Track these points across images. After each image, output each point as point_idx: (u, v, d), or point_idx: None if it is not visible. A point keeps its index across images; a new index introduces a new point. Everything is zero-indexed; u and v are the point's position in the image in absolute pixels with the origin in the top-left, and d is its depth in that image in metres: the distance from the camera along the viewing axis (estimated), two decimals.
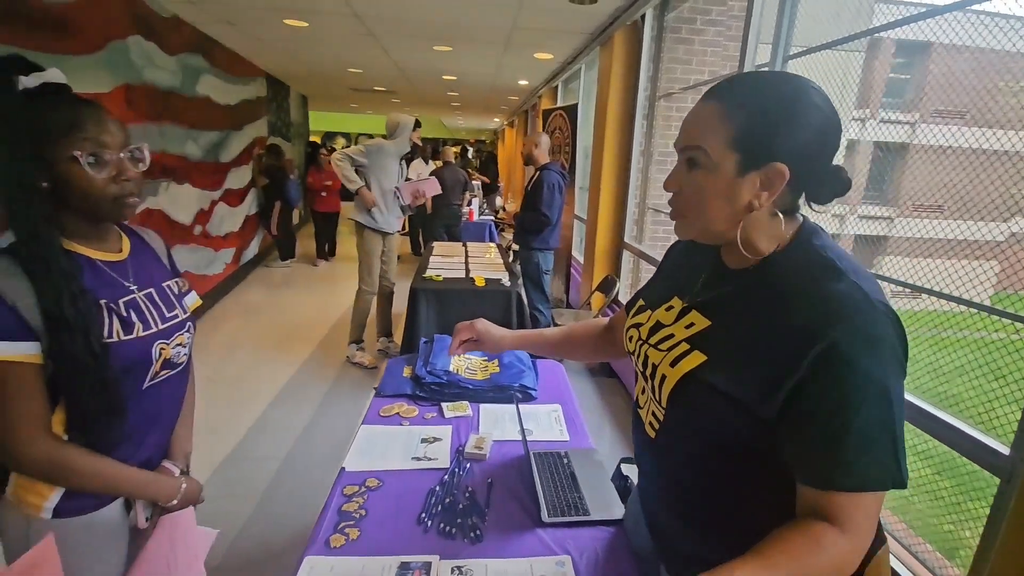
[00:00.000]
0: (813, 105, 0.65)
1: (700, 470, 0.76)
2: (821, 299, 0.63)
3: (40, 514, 0.89)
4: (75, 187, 0.84)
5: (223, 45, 4.99)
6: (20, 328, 0.80)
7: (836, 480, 0.61)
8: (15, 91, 0.81)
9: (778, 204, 0.69)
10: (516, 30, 3.88)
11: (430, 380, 1.70)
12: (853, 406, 0.60)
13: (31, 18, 2.46)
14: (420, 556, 1.01)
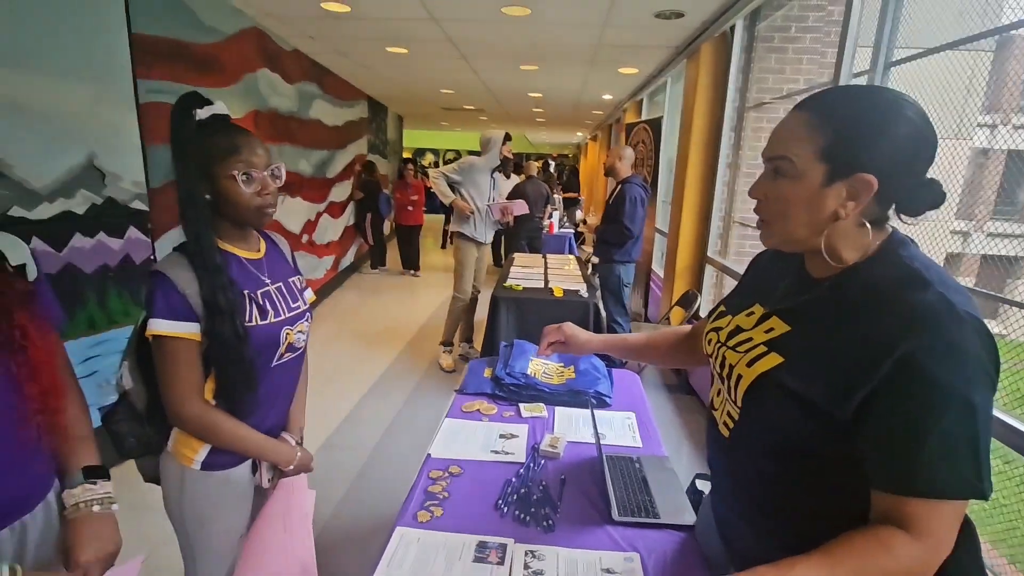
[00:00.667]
0: (904, 118, 0.65)
1: (770, 472, 0.78)
2: (903, 308, 0.63)
3: (191, 465, 1.08)
4: (230, 199, 1.03)
5: (334, 73, 5.52)
6: (187, 311, 1.00)
7: (913, 485, 0.62)
8: (192, 122, 1.02)
9: (865, 214, 0.70)
10: (602, 47, 3.96)
11: (509, 381, 1.80)
12: (933, 415, 0.60)
13: (189, 58, 2.93)
14: (497, 537, 1.10)
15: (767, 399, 0.74)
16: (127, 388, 1.09)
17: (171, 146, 1.01)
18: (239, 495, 1.15)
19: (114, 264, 2.40)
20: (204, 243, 1.01)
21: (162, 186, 2.66)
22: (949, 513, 0.62)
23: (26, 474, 0.78)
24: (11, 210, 1.94)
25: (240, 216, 1.06)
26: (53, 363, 0.80)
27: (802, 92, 3.04)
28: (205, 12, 3.05)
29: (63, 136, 2.13)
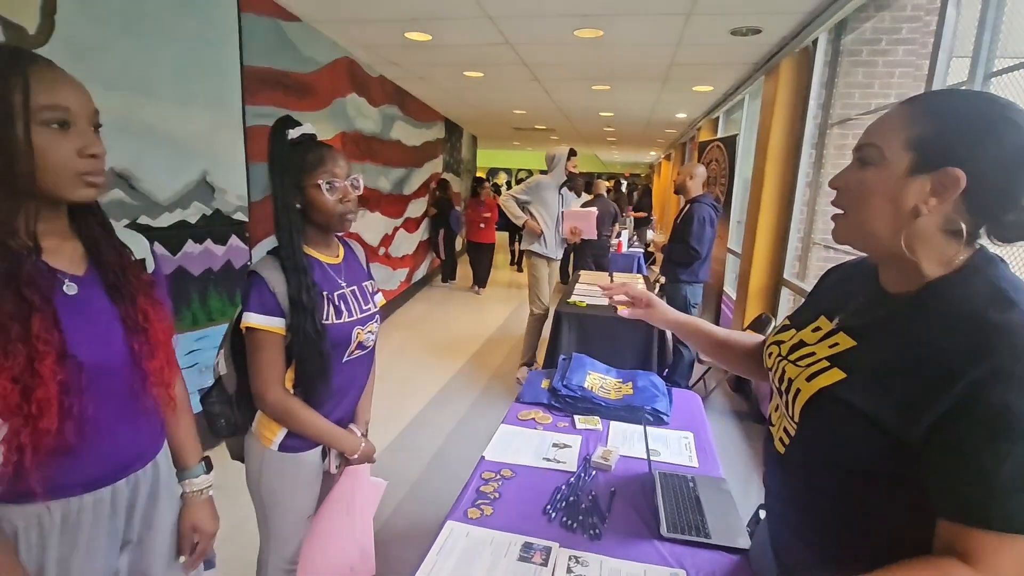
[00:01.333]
0: (1013, 124, 0.61)
1: (825, 490, 0.75)
2: (980, 327, 0.60)
3: (270, 446, 1.21)
4: (316, 206, 1.16)
5: (414, 96, 5.87)
6: (276, 308, 1.13)
7: (981, 516, 0.58)
8: (286, 140, 1.16)
9: (950, 222, 0.65)
10: (675, 66, 3.94)
11: (565, 393, 1.82)
12: (1006, 444, 0.57)
13: (289, 86, 3.26)
14: (543, 540, 1.13)
15: (826, 415, 0.72)
16: (221, 374, 1.24)
17: (268, 162, 1.16)
18: (309, 477, 1.26)
19: (217, 268, 2.69)
20: (294, 247, 1.14)
21: (260, 200, 2.96)
22: (1020, 552, 0.58)
23: (142, 436, 0.92)
24: (139, 218, 2.25)
25: (325, 221, 1.18)
26: (168, 344, 0.93)
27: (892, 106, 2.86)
28: (305, 45, 3.38)
29: (183, 155, 2.44)
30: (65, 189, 0.74)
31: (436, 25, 3.23)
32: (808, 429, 0.75)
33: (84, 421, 0.78)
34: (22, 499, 0.75)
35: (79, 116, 0.74)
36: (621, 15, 2.89)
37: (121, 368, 0.84)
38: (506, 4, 2.80)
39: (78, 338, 0.77)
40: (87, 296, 0.82)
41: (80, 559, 0.82)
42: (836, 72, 3.15)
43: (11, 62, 0.69)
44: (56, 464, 0.76)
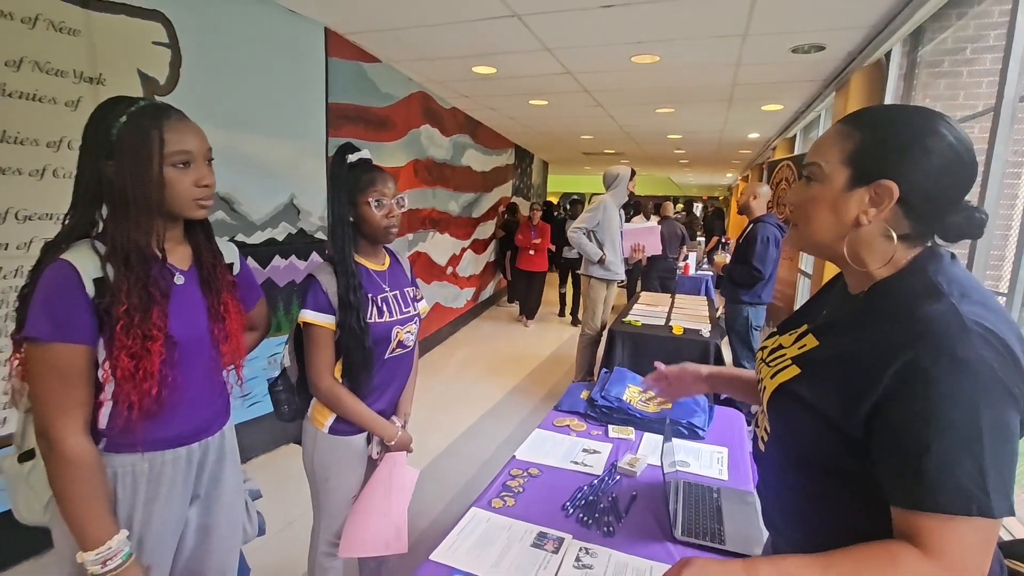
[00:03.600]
0: (939, 135, 0.65)
1: (796, 487, 0.78)
2: (910, 319, 0.64)
3: (322, 429, 1.38)
4: (366, 220, 1.34)
5: (484, 125, 6.20)
6: (328, 307, 1.31)
7: (914, 499, 0.61)
8: (345, 163, 1.35)
9: (894, 227, 0.69)
10: (738, 86, 3.90)
11: (602, 403, 1.87)
12: (934, 427, 0.59)
13: (368, 119, 3.62)
14: (557, 531, 1.20)
15: (784, 410, 0.76)
16: (286, 365, 1.44)
17: (329, 180, 1.37)
18: (354, 459, 1.41)
19: (299, 281, 3.02)
20: (346, 254, 1.33)
21: None
22: (967, 533, 0.59)
23: (215, 407, 1.11)
24: (236, 236, 2.61)
25: (372, 233, 1.36)
26: (240, 333, 1.13)
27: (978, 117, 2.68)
28: (383, 82, 3.75)
29: (274, 181, 2.80)
30: (184, 210, 0.97)
31: (499, 59, 3.47)
32: (775, 425, 0.80)
33: (175, 388, 0.97)
34: (122, 449, 0.96)
35: (197, 156, 0.96)
36: (676, 39, 2.95)
37: (203, 347, 1.04)
38: (562, 36, 2.96)
39: (177, 320, 0.97)
40: (189, 286, 1.03)
41: (161, 505, 1.01)
42: (913, 85, 3.00)
43: (155, 118, 0.91)
44: (150, 423, 0.96)
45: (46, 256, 0.90)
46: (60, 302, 0.86)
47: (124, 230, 0.90)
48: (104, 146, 0.89)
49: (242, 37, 2.55)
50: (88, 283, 0.88)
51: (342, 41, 3.21)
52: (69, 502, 0.88)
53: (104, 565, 0.88)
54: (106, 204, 0.92)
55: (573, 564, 1.09)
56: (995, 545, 0.62)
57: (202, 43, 2.35)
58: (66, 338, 0.86)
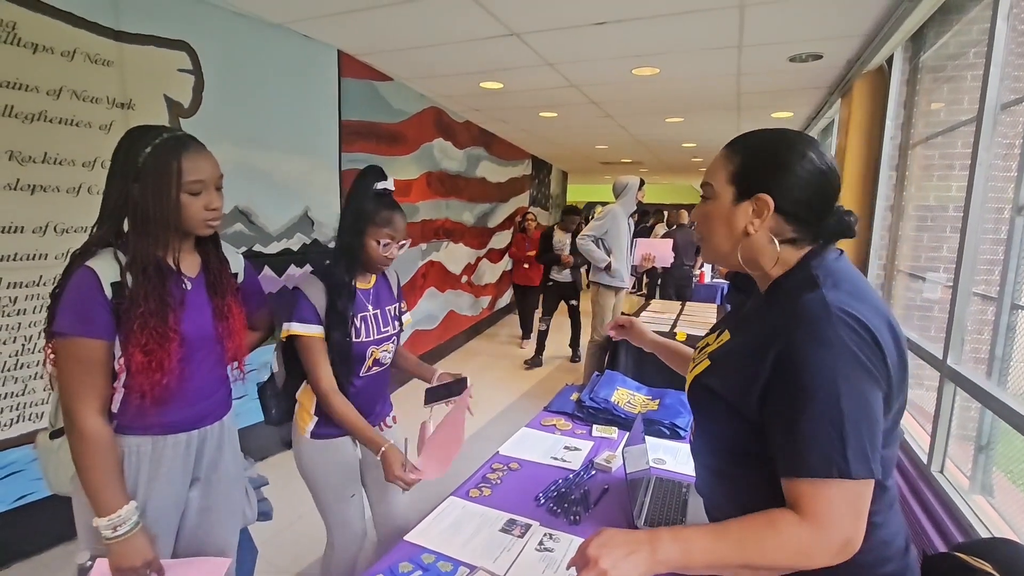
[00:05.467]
0: (800, 154, 0.77)
1: (718, 470, 0.86)
2: (789, 308, 0.73)
3: (304, 434, 1.45)
4: (367, 252, 1.39)
5: (498, 137, 6.35)
6: (315, 318, 1.36)
7: (791, 467, 0.68)
8: (371, 189, 1.37)
9: (777, 232, 0.79)
10: (743, 95, 3.94)
11: (589, 404, 1.94)
12: (802, 400, 0.68)
13: (381, 135, 3.80)
14: (526, 518, 1.28)
15: (698, 400, 0.85)
16: (275, 371, 1.53)
17: (348, 198, 1.40)
18: (341, 462, 1.47)
19: None
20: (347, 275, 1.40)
21: None
22: (836, 495, 0.66)
23: (216, 399, 1.23)
24: (254, 246, 2.78)
25: (368, 265, 1.44)
26: (242, 332, 1.26)
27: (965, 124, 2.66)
28: (395, 99, 3.93)
29: (289, 194, 2.98)
30: (195, 229, 1.11)
31: (505, 74, 3.60)
32: (695, 416, 0.88)
33: (183, 380, 1.11)
34: (129, 432, 1.09)
35: (209, 183, 1.09)
36: (673, 52, 3.03)
37: (208, 344, 1.17)
38: (561, 52, 3.07)
39: (187, 320, 1.10)
40: (196, 291, 1.16)
41: (162, 483, 1.13)
42: (916, 90, 2.99)
43: (175, 150, 1.04)
44: (158, 410, 1.09)
45: (73, 262, 1.04)
46: (83, 303, 1.00)
47: (144, 244, 1.04)
48: (131, 171, 1.03)
49: (260, 62, 2.74)
50: (106, 286, 1.01)
51: (354, 62, 3.39)
52: (86, 473, 1.02)
53: (115, 530, 1.02)
54: (128, 220, 1.06)
55: (535, 548, 1.17)
56: (865, 510, 0.69)
57: (223, 69, 2.55)
58: (87, 333, 1.01)
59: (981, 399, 1.60)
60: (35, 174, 1.97)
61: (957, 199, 3.04)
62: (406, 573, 1.07)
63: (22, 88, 1.92)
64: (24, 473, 2.03)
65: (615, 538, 0.71)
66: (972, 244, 1.92)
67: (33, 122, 1.95)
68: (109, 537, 1.01)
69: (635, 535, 0.72)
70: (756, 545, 0.68)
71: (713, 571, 0.71)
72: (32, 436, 2.02)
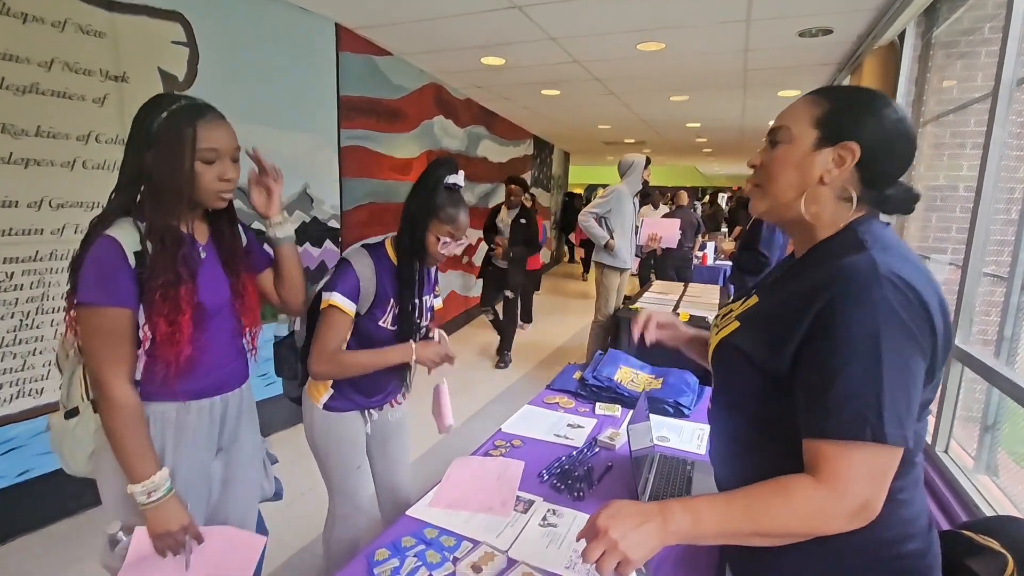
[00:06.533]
0: (892, 108, 0.74)
1: (732, 434, 0.84)
2: (832, 267, 0.70)
3: (318, 404, 1.45)
4: (425, 247, 1.37)
5: (500, 116, 6.25)
6: (355, 294, 1.34)
7: (818, 427, 0.66)
8: (442, 181, 1.34)
9: (844, 191, 0.76)
10: (750, 72, 3.85)
11: (592, 383, 1.93)
12: (840, 359, 0.65)
13: (380, 111, 3.73)
14: (528, 494, 1.28)
15: (723, 361, 0.83)
16: (295, 329, 1.52)
17: (417, 186, 1.35)
18: (351, 436, 1.48)
19: (313, 267, 3.16)
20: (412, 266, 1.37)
21: (351, 210, 3.42)
22: (860, 459, 0.64)
23: (234, 368, 1.20)
24: (253, 224, 2.74)
25: (424, 260, 1.41)
26: (256, 301, 1.24)
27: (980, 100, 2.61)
28: (395, 74, 3.85)
29: (289, 171, 2.90)
30: (207, 201, 1.08)
31: (506, 49, 3.52)
32: (718, 379, 0.86)
33: (204, 348, 1.10)
34: (153, 398, 1.07)
35: (224, 153, 1.05)
36: (680, 26, 2.95)
37: (225, 312, 1.16)
38: (565, 25, 2.99)
39: (204, 289, 1.09)
40: (210, 260, 1.14)
41: (187, 450, 1.12)
42: (928, 67, 2.92)
43: (191, 117, 1.01)
44: (180, 378, 1.07)
45: (94, 230, 1.02)
46: (108, 272, 0.99)
47: (159, 214, 1.02)
48: (146, 138, 1.00)
49: (256, 34, 2.68)
50: (130, 255, 1.00)
51: (352, 35, 3.32)
52: (119, 440, 1.01)
53: (149, 496, 1.02)
54: (144, 188, 1.04)
55: (539, 523, 1.17)
56: (888, 479, 0.67)
57: (218, 41, 2.48)
58: (114, 303, 0.99)
59: (989, 378, 1.59)
60: (28, 148, 1.93)
61: (968, 179, 3.00)
62: (409, 547, 1.07)
63: (13, 59, 1.87)
64: (26, 448, 2.03)
65: (625, 509, 0.70)
66: (983, 223, 1.88)
67: (25, 94, 1.91)
68: (145, 503, 1.01)
69: (645, 506, 0.71)
70: (766, 510, 0.67)
71: (725, 540, 0.70)
72: (33, 412, 2.05)
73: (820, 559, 0.74)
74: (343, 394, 1.45)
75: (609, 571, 0.68)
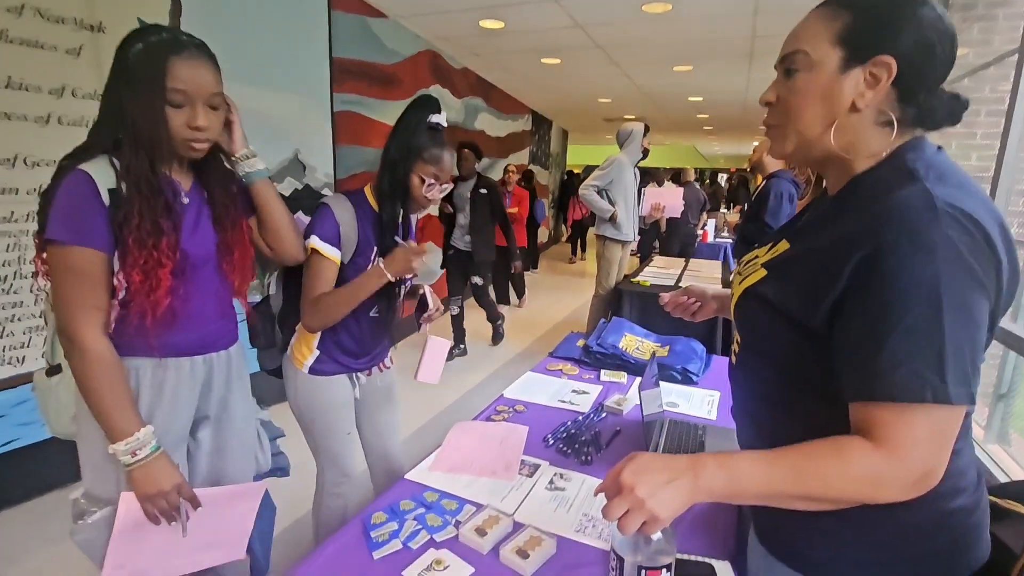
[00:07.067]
0: (927, 5, 0.62)
1: (766, 394, 0.76)
2: (878, 205, 0.60)
3: (302, 369, 1.36)
4: (411, 193, 1.30)
5: (499, 88, 6.09)
6: (336, 239, 1.26)
7: (871, 389, 0.58)
8: (424, 119, 1.27)
9: (883, 114, 0.65)
10: (758, 38, 3.72)
11: (597, 350, 1.86)
12: (895, 313, 0.56)
13: (374, 76, 3.59)
14: (533, 458, 1.21)
15: (749, 312, 0.74)
16: (270, 293, 1.43)
17: (398, 126, 1.28)
18: (339, 400, 1.40)
19: None
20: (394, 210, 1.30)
21: (346, 178, 3.30)
22: (922, 422, 0.57)
23: (220, 327, 1.10)
24: None
25: (407, 205, 1.33)
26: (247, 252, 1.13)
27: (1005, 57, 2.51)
28: (389, 38, 3.70)
29: (279, 136, 2.82)
30: (177, 149, 0.97)
31: (506, 11, 3.37)
32: (743, 332, 0.77)
33: (185, 300, 1.00)
34: (125, 352, 0.97)
35: (195, 97, 0.93)
36: None
37: (210, 264, 1.06)
38: None
39: (186, 238, 0.99)
40: (195, 208, 1.04)
41: (165, 410, 1.03)
42: None
43: (164, 51, 0.90)
44: (159, 331, 0.98)
45: (66, 165, 0.92)
46: (79, 209, 0.89)
47: (137, 157, 0.92)
48: (123, 72, 0.91)
49: None
50: (104, 192, 0.90)
51: None
52: (93, 395, 0.92)
53: (134, 455, 0.92)
54: (122, 126, 0.94)
55: (546, 486, 1.10)
56: (952, 440, 0.60)
57: None
58: (84, 242, 0.90)
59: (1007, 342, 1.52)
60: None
61: (981, 147, 2.92)
62: (408, 511, 1.00)
63: None
64: (8, 417, 1.96)
65: (652, 463, 0.62)
66: (1005, 185, 1.81)
67: None
68: (129, 463, 0.92)
69: (674, 460, 0.63)
70: (817, 473, 0.59)
71: (763, 501, 0.63)
72: (14, 380, 1.96)
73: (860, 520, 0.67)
74: (329, 354, 1.36)
75: (632, 530, 0.61)
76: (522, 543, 0.89)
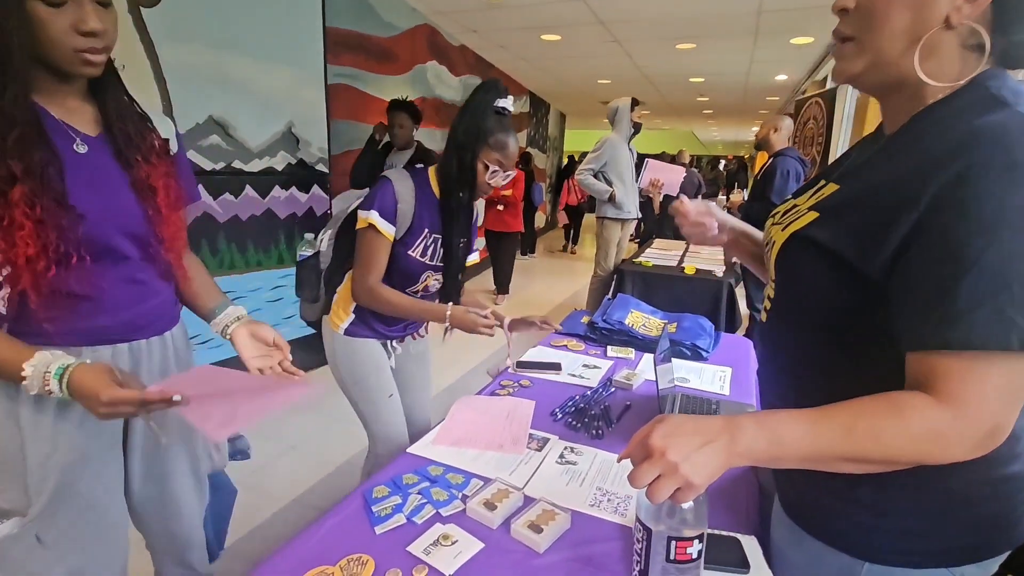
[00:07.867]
0: None
1: (793, 351, 0.70)
2: (961, 131, 0.53)
3: (338, 331, 1.36)
4: (476, 178, 1.26)
5: (497, 68, 5.95)
6: (392, 215, 1.24)
7: (938, 335, 0.51)
8: (491, 104, 1.25)
9: (974, 35, 0.56)
10: (764, 13, 3.63)
11: (603, 326, 1.80)
12: (978, 245, 0.49)
13: (370, 49, 3.48)
14: (541, 432, 1.15)
15: (794, 259, 0.67)
16: (320, 249, 1.40)
17: (465, 110, 1.25)
18: (375, 363, 1.40)
19: (300, 214, 2.97)
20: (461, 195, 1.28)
21: (340, 154, 3.21)
22: (997, 373, 0.50)
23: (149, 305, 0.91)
24: (233, 162, 2.54)
25: (473, 192, 1.29)
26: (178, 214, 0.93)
27: None
28: (385, 9, 3.57)
29: (270, 108, 2.71)
30: (65, 64, 0.75)
31: None
32: (782, 283, 0.70)
33: (88, 271, 0.81)
34: (30, 338, 0.77)
35: None
36: None
37: (131, 230, 0.86)
38: None
39: (81, 192, 0.79)
40: (97, 156, 0.84)
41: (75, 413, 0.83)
42: None
43: None
44: (58, 312, 0.80)
45: None
46: None
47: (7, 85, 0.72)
48: None
49: None
50: None
51: None
52: None
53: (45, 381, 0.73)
54: None
55: (556, 460, 1.05)
56: None
57: None
58: None
59: None
60: None
61: None
62: (411, 485, 0.94)
63: None
64: None
65: (684, 426, 0.57)
66: None
67: None
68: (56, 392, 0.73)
69: (708, 422, 0.57)
70: (870, 431, 0.53)
71: (807, 464, 0.57)
72: None
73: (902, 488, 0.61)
74: (363, 320, 1.37)
75: (663, 497, 0.55)
76: (534, 517, 0.84)
